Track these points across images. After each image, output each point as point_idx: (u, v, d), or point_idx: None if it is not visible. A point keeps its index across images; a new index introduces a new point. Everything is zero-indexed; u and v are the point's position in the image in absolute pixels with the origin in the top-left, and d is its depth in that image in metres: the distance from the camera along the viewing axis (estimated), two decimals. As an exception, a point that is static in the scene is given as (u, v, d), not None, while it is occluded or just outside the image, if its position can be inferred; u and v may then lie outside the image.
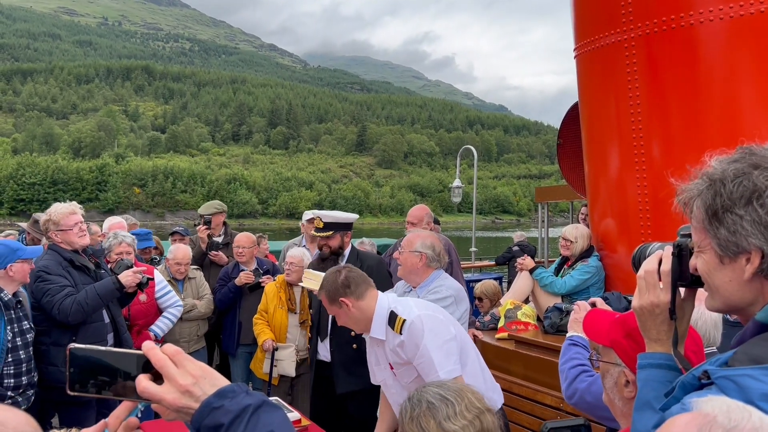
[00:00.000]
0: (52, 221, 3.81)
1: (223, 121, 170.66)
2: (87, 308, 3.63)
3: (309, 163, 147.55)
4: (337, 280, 2.76)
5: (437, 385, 1.66)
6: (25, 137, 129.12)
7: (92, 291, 3.67)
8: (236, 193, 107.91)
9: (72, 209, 3.86)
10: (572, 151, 6.09)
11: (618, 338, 1.61)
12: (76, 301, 3.60)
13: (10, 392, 3.34)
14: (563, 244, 4.88)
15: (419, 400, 1.62)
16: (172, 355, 0.98)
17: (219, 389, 0.97)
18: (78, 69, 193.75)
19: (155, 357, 0.97)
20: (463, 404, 1.56)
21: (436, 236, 3.69)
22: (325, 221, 4.00)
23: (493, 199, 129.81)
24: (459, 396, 1.59)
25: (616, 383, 1.61)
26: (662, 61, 4.23)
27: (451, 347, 2.69)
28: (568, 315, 4.22)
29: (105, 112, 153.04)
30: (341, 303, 2.74)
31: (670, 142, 4.27)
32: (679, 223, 4.60)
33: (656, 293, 1.35)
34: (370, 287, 2.83)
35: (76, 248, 3.84)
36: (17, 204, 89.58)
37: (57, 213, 3.81)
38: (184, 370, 0.97)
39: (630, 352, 1.56)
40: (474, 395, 1.61)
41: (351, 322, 2.82)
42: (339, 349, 3.96)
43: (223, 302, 5.28)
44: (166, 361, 0.97)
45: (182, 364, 0.98)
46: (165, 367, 0.97)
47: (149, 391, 0.96)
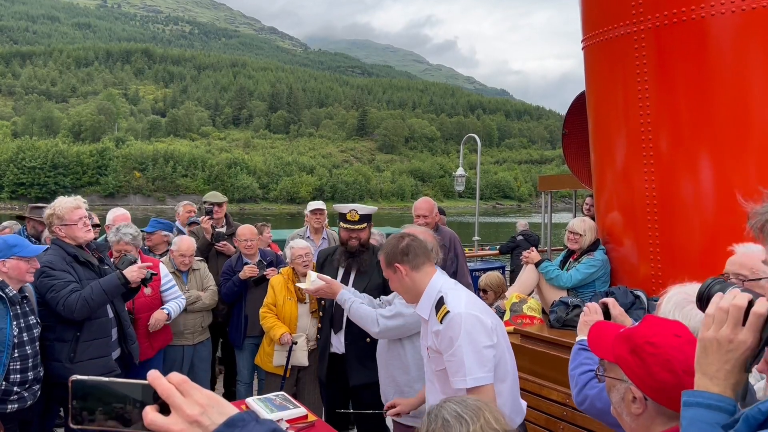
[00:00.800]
0: (56, 215, 3.75)
1: (224, 104, 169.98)
2: (92, 304, 3.61)
3: (310, 147, 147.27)
4: (399, 245, 2.78)
5: (457, 402, 1.64)
6: (24, 120, 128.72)
7: (97, 287, 3.63)
8: (237, 178, 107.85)
9: (77, 204, 3.81)
10: (578, 142, 6.05)
11: (623, 354, 1.56)
12: (81, 297, 3.56)
13: (16, 387, 3.33)
14: (571, 237, 4.85)
15: (436, 416, 1.62)
16: (178, 384, 0.97)
17: (228, 418, 0.96)
18: (77, 52, 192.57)
19: (161, 387, 0.96)
20: (478, 424, 1.55)
21: (427, 232, 3.62)
22: (361, 213, 3.91)
23: (494, 185, 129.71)
24: (475, 415, 1.57)
25: (623, 399, 1.58)
26: (672, 54, 4.18)
27: (486, 355, 2.58)
28: (574, 309, 4.22)
29: (105, 95, 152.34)
30: (396, 268, 2.76)
31: (678, 135, 4.23)
32: (688, 217, 4.55)
33: (737, 330, 1.22)
34: (429, 262, 2.82)
35: (80, 243, 3.80)
36: (17, 188, 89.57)
37: (61, 207, 3.76)
38: (192, 399, 0.96)
39: (635, 369, 1.52)
40: (493, 415, 1.58)
41: (401, 289, 2.83)
42: (353, 341, 3.93)
43: (229, 296, 5.28)
44: (172, 390, 0.96)
45: (189, 393, 0.96)
46: (171, 396, 0.96)
47: (156, 423, 0.95)
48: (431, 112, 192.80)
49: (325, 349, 4.08)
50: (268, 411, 3.37)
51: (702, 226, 4.19)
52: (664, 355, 1.48)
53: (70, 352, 3.64)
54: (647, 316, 1.67)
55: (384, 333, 3.37)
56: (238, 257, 5.41)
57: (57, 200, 3.87)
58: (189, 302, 4.98)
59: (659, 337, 1.52)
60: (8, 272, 3.35)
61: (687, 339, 1.53)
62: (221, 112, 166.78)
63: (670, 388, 1.46)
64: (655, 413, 1.51)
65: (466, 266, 5.02)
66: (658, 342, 1.50)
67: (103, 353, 3.80)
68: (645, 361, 1.49)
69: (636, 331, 1.57)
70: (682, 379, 1.45)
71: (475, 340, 2.57)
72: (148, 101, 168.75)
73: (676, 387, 1.44)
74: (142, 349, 4.40)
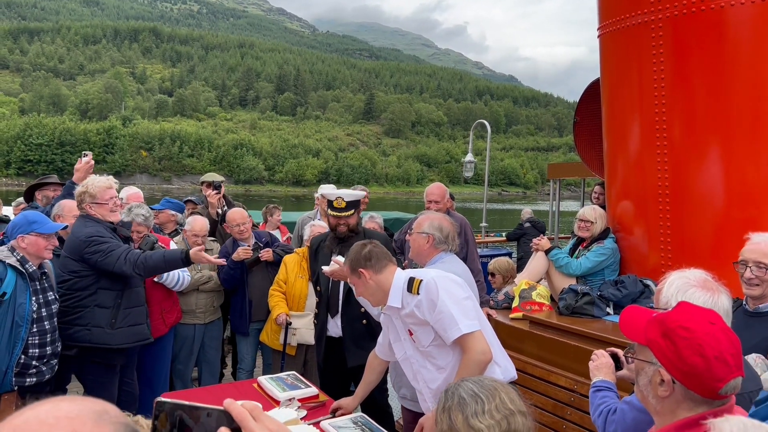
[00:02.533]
0: (89, 193, 3.83)
1: (231, 85, 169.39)
2: (150, 263, 3.70)
3: (316, 130, 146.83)
4: (361, 252, 2.93)
5: (474, 381, 1.68)
6: (32, 97, 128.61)
7: (159, 253, 3.76)
8: (243, 159, 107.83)
9: (109, 184, 3.90)
10: (589, 130, 6.04)
11: (655, 337, 1.60)
12: (141, 255, 3.68)
13: (35, 362, 3.40)
14: (582, 225, 4.86)
15: (453, 394, 1.65)
16: (251, 410, 1.05)
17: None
18: (85, 29, 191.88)
19: (236, 411, 1.03)
20: (493, 403, 1.57)
21: (447, 219, 3.66)
22: (347, 200, 3.97)
23: (500, 171, 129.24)
24: (491, 394, 1.59)
25: (651, 381, 1.61)
26: (689, 44, 4.16)
27: (467, 305, 2.80)
28: (583, 297, 4.24)
29: (112, 73, 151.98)
30: (360, 273, 2.91)
31: (692, 125, 4.22)
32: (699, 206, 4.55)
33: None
34: (390, 263, 2.98)
35: (107, 222, 3.89)
36: (24, 164, 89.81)
37: (94, 186, 3.83)
38: (263, 425, 1.04)
39: (667, 352, 1.55)
40: (509, 395, 1.61)
41: (367, 293, 2.97)
42: (349, 324, 4.03)
43: (228, 281, 5.08)
44: (246, 415, 1.03)
45: (260, 419, 1.04)
46: (245, 420, 1.03)
47: None
48: (438, 97, 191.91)
49: (322, 333, 4.14)
50: (280, 390, 3.43)
51: (714, 215, 4.20)
52: (696, 340, 1.51)
53: (111, 318, 3.76)
54: (681, 303, 1.70)
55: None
56: (233, 241, 5.21)
57: (90, 178, 3.96)
58: (201, 282, 5.03)
59: (693, 322, 1.55)
60: (27, 248, 3.40)
61: (721, 327, 1.55)
62: (228, 92, 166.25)
63: (700, 372, 1.49)
64: (682, 397, 1.55)
65: (476, 252, 5.05)
66: (692, 327, 1.53)
67: (140, 321, 3.94)
68: (677, 345, 1.53)
69: (670, 315, 1.61)
70: (712, 364, 1.48)
71: (453, 294, 2.78)
72: (156, 80, 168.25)
73: (705, 371, 1.48)
74: (155, 326, 4.48)
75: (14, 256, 3.36)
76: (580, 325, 3.97)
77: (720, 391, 1.49)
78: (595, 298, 4.22)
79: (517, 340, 4.29)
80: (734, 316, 2.82)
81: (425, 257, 3.50)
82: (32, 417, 0.65)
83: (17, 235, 3.39)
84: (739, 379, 1.52)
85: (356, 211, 4.04)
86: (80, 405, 0.67)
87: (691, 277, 2.11)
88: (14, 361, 3.31)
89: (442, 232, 3.49)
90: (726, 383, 1.49)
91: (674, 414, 1.57)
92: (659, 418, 1.62)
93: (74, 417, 0.65)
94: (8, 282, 3.30)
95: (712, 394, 1.51)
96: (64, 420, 0.65)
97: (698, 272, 2.15)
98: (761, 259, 2.73)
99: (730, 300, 2.11)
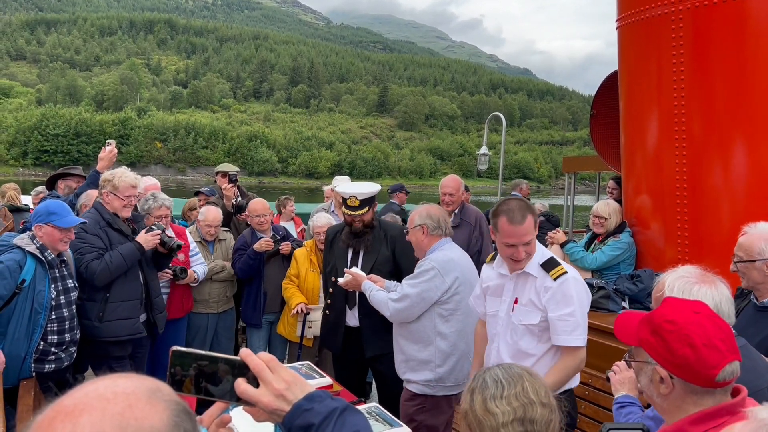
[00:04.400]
0: (112, 184, 3.91)
1: (245, 77, 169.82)
2: (112, 268, 3.77)
3: (329, 122, 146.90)
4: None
5: (503, 368, 1.68)
6: (48, 88, 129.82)
7: (116, 253, 3.82)
8: (256, 151, 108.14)
9: (134, 183, 3.97)
10: (606, 123, 5.99)
11: (645, 336, 1.60)
12: (102, 263, 3.74)
13: (54, 348, 3.44)
14: (596, 221, 4.82)
15: (480, 376, 1.67)
16: (267, 361, 1.07)
17: (308, 393, 1.08)
18: (101, 21, 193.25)
19: (253, 362, 1.06)
20: (514, 390, 1.57)
21: (434, 206, 3.70)
22: (360, 199, 3.97)
23: (513, 165, 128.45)
24: (514, 382, 1.59)
25: (651, 381, 1.61)
26: (710, 36, 4.11)
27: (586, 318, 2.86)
28: (598, 291, 4.22)
29: (128, 65, 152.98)
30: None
31: (712, 119, 4.17)
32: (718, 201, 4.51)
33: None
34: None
35: (116, 214, 3.96)
36: (41, 155, 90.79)
37: (120, 180, 3.91)
38: (279, 376, 1.06)
39: (658, 349, 1.55)
40: (533, 386, 1.59)
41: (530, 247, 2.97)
42: (367, 316, 4.05)
43: (245, 270, 5.02)
44: (263, 366, 1.06)
45: (276, 370, 1.07)
46: (262, 371, 1.05)
47: (248, 393, 1.06)
48: (452, 90, 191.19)
49: (339, 323, 4.16)
50: (294, 380, 3.44)
51: (732, 211, 4.16)
52: (683, 331, 1.51)
53: (99, 311, 3.81)
54: (667, 298, 1.71)
55: (395, 316, 3.52)
56: (252, 232, 5.20)
57: (121, 170, 4.03)
58: (215, 272, 5.06)
59: (677, 314, 1.55)
60: (43, 237, 3.44)
61: (706, 314, 1.55)
62: (242, 84, 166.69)
63: (692, 362, 1.49)
64: (684, 392, 1.54)
65: (491, 245, 5.03)
66: (677, 319, 1.54)
67: (131, 315, 3.95)
68: (665, 339, 1.53)
69: (655, 312, 1.62)
70: (702, 352, 1.47)
71: (584, 304, 2.83)
72: (170, 72, 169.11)
73: (697, 360, 1.48)
74: (174, 311, 4.62)
75: (34, 244, 3.41)
76: (596, 319, 3.94)
77: (717, 378, 1.48)
78: (611, 293, 4.19)
79: (531, 334, 4.27)
80: (744, 311, 2.80)
81: (425, 248, 3.54)
82: (92, 391, 0.70)
83: (35, 223, 3.44)
84: (736, 364, 1.50)
85: (370, 208, 4.04)
86: (136, 382, 0.72)
87: (687, 275, 2.07)
88: (33, 347, 3.35)
89: (432, 219, 3.52)
90: (721, 369, 1.47)
91: (682, 410, 1.55)
92: (668, 416, 1.61)
93: (130, 393, 0.70)
94: (27, 269, 3.34)
95: (709, 382, 1.49)
96: (121, 395, 0.69)
97: (691, 268, 2.10)
98: (737, 252, 2.76)
99: (727, 286, 2.10)
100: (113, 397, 0.68)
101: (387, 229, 4.13)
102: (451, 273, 3.41)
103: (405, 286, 3.48)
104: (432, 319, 3.44)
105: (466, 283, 3.45)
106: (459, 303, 3.42)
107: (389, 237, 4.05)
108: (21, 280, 3.30)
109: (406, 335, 3.56)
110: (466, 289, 3.44)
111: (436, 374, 3.43)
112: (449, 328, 3.43)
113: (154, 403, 0.70)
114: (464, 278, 3.46)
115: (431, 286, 3.38)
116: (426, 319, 3.45)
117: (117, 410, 0.67)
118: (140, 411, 0.68)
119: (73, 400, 0.68)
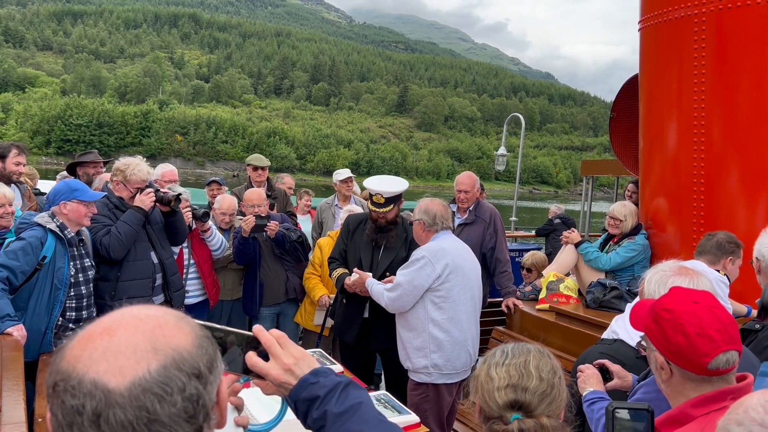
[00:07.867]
0: (124, 174, 3.98)
1: (266, 74, 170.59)
2: (123, 237, 3.82)
3: (348, 121, 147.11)
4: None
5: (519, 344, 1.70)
6: (73, 79, 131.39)
7: (120, 222, 3.87)
8: (275, 147, 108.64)
9: (146, 177, 4.03)
10: (625, 126, 5.97)
11: (648, 324, 1.64)
12: (112, 235, 3.80)
13: (71, 324, 3.53)
14: (612, 223, 4.81)
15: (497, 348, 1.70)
16: (278, 337, 1.13)
17: (314, 369, 1.15)
18: (127, 13, 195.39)
19: (264, 337, 1.12)
20: (516, 361, 1.58)
21: (435, 201, 3.78)
22: (386, 197, 4.02)
23: (532, 169, 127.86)
24: (519, 354, 1.61)
25: (656, 367, 1.66)
26: (732, 39, 4.09)
27: None
28: (611, 291, 4.22)
29: (151, 58, 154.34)
30: None
31: (732, 124, 4.15)
32: (734, 206, 4.49)
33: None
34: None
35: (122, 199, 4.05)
36: (64, 144, 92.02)
37: (132, 171, 3.97)
38: (288, 351, 1.12)
39: (657, 336, 1.60)
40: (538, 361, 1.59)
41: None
42: (378, 309, 4.08)
43: (239, 255, 4.93)
44: (273, 341, 1.12)
45: (286, 346, 1.13)
46: (272, 346, 1.11)
47: (258, 366, 1.12)
48: (473, 92, 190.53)
49: (358, 315, 4.19)
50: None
51: (749, 216, 4.13)
52: (678, 319, 1.55)
53: (111, 290, 3.88)
54: (673, 288, 1.74)
55: (390, 305, 3.65)
56: None
57: (134, 161, 4.08)
58: (230, 259, 5.12)
59: (676, 303, 1.59)
60: (68, 214, 3.52)
61: (705, 305, 1.57)
62: (263, 80, 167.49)
63: (684, 350, 1.53)
64: (682, 378, 1.58)
65: (504, 242, 5.02)
66: (674, 308, 1.58)
67: (143, 294, 4.02)
68: (662, 327, 1.58)
69: (658, 301, 1.66)
70: (694, 340, 1.51)
71: None
72: (193, 66, 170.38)
73: (689, 348, 1.52)
74: (212, 295, 4.87)
75: (54, 222, 3.49)
76: (608, 319, 3.94)
77: (708, 366, 1.51)
78: (624, 293, 4.19)
79: (542, 331, 4.29)
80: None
81: (425, 241, 3.67)
82: (126, 312, 0.78)
83: (60, 201, 3.51)
84: (732, 353, 1.52)
85: (396, 206, 4.10)
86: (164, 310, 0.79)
87: (665, 268, 2.12)
88: (53, 322, 3.44)
89: (428, 215, 3.63)
90: (713, 357, 1.50)
91: (683, 395, 1.59)
92: (672, 401, 1.65)
93: (160, 316, 0.77)
94: (48, 246, 3.43)
95: (701, 369, 1.53)
96: (152, 317, 0.76)
97: (671, 263, 2.17)
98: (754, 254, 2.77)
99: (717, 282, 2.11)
100: (146, 318, 0.76)
101: (408, 230, 4.17)
102: (441, 260, 3.51)
103: (398, 276, 3.61)
104: (425, 307, 3.55)
105: (457, 271, 3.54)
106: (450, 290, 3.51)
107: (408, 240, 4.09)
108: (42, 257, 3.39)
109: (403, 323, 3.68)
110: (457, 277, 3.53)
111: (431, 360, 3.52)
112: (441, 315, 3.53)
113: (182, 326, 0.77)
114: (455, 265, 3.54)
115: (422, 274, 3.49)
116: (419, 307, 3.56)
117: (148, 328, 0.74)
118: (169, 330, 0.75)
119: (110, 318, 0.77)
